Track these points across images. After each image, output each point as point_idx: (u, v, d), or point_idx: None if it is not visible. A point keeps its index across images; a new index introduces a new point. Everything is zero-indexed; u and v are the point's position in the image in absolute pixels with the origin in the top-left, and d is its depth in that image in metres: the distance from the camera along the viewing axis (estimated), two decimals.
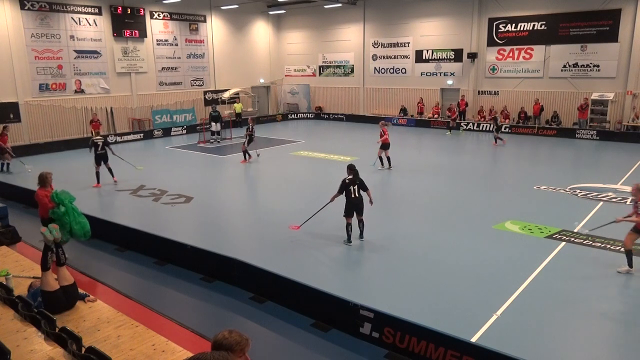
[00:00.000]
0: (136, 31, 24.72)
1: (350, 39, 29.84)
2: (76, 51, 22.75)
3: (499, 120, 21.50)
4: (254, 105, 30.99)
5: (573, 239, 9.46)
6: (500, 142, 20.51)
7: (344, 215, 9.33)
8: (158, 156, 20.26)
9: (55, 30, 21.90)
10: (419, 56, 27.31)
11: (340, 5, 28.23)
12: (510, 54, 24.37)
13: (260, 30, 31.68)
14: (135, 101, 25.30)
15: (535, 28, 23.39)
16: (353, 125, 27.85)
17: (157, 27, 25.90)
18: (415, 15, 26.92)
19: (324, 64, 31.56)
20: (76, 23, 22.63)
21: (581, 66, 22.53)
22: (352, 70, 30.26)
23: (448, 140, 22.47)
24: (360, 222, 9.46)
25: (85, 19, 22.95)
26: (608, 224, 8.54)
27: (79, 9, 22.65)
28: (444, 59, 26.43)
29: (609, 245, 9.13)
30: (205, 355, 2.62)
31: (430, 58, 26.95)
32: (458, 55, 25.83)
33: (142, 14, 24.91)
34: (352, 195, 9.16)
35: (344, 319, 6.33)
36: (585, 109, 22.17)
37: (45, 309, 5.55)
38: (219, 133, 22.55)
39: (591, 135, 21.80)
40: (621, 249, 8.92)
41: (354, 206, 9.24)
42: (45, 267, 5.79)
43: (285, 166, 17.28)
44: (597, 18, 21.72)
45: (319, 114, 31.37)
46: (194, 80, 27.99)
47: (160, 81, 26.36)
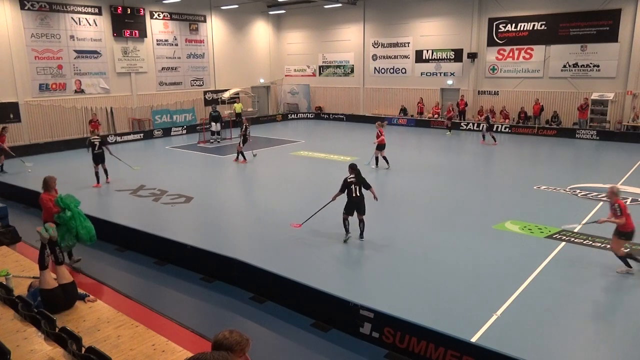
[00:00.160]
0: (136, 31, 24.72)
1: (350, 39, 29.85)
2: (76, 51, 22.76)
3: (491, 119, 21.70)
4: (254, 105, 30.98)
5: (573, 239, 9.46)
6: (490, 141, 20.76)
7: (344, 212, 9.47)
8: (158, 156, 20.26)
9: (55, 30, 21.91)
10: (419, 56, 27.32)
11: (340, 5, 28.23)
12: (510, 54, 24.37)
13: (260, 30, 31.68)
14: (135, 101, 25.30)
15: (535, 28, 23.40)
16: (353, 125, 27.84)
17: (157, 27, 25.91)
18: (415, 15, 26.93)
19: (324, 64, 31.56)
20: (76, 23, 22.63)
21: (581, 66, 22.54)
22: (352, 70, 30.26)
23: (448, 140, 22.48)
24: (361, 222, 9.52)
25: (85, 19, 22.95)
26: (591, 223, 8.58)
27: (79, 9, 22.65)
28: (444, 59, 26.44)
29: (609, 246, 9.10)
30: (205, 355, 2.62)
31: (430, 58, 26.96)
32: (458, 55, 25.84)
33: (142, 14, 24.91)
34: (353, 194, 9.28)
35: (344, 319, 6.33)
36: (585, 109, 22.17)
37: (45, 307, 5.54)
38: (219, 133, 22.56)
39: (591, 135, 21.80)
40: (621, 248, 8.93)
41: (354, 205, 9.35)
42: (42, 266, 5.80)
43: (285, 166, 17.28)
44: (597, 18, 21.72)
45: (319, 114, 31.37)
46: (194, 80, 28.00)
47: (160, 81, 26.37)
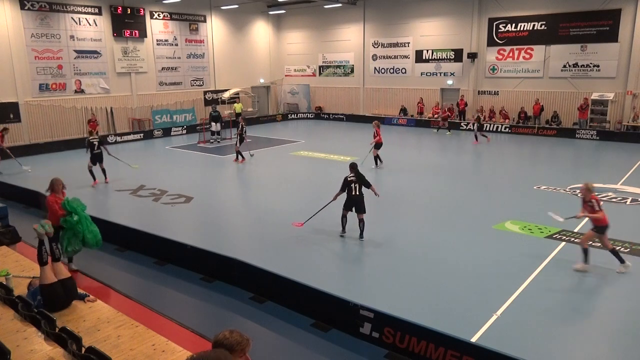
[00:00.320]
0: (136, 31, 24.72)
1: (350, 39, 29.84)
2: (76, 51, 22.75)
3: (482, 119, 22.00)
4: (254, 105, 30.97)
5: (573, 239, 9.45)
6: (483, 140, 21.17)
7: (343, 208, 9.69)
8: (158, 156, 20.26)
9: (55, 30, 21.90)
10: (419, 56, 27.31)
11: (340, 5, 28.23)
12: (510, 54, 24.37)
13: (260, 30, 31.68)
14: (135, 101, 25.30)
15: (535, 28, 23.39)
16: (353, 125, 27.83)
17: (157, 27, 25.90)
18: (415, 15, 26.92)
19: (324, 64, 31.55)
20: (76, 23, 22.63)
21: (581, 66, 22.53)
22: (352, 70, 30.26)
23: (448, 140, 22.48)
24: (361, 222, 9.58)
25: (85, 19, 22.95)
26: (570, 218, 8.73)
27: (79, 9, 22.64)
28: (444, 59, 26.43)
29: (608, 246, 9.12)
30: (207, 353, 2.63)
31: (430, 58, 26.95)
32: (458, 55, 25.83)
33: (142, 14, 24.91)
34: (353, 193, 9.50)
35: (344, 319, 6.33)
36: (585, 109, 22.17)
37: (45, 303, 5.58)
38: (219, 133, 22.57)
39: (591, 135, 21.80)
40: (621, 249, 8.94)
41: (353, 202, 9.55)
42: (42, 262, 5.84)
43: (285, 166, 17.28)
44: (597, 18, 21.72)
45: (319, 114, 31.36)
46: (194, 80, 27.99)
47: (160, 81, 26.36)
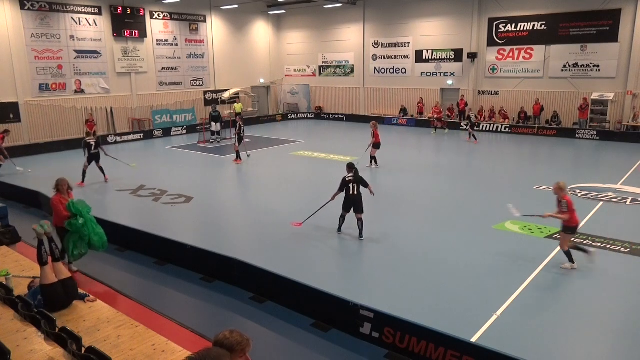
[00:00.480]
0: (136, 31, 24.71)
1: (350, 39, 29.84)
2: (76, 51, 22.75)
3: (473, 118, 22.21)
4: (254, 105, 30.97)
5: (573, 239, 9.44)
6: (473, 139, 21.45)
7: (342, 208, 9.77)
8: (158, 156, 20.25)
9: (55, 30, 21.90)
10: (419, 56, 27.31)
11: (340, 5, 28.23)
12: (510, 54, 24.36)
13: (260, 30, 31.68)
14: (135, 101, 25.29)
15: (535, 28, 23.39)
16: (353, 125, 27.82)
17: (157, 27, 25.90)
18: (415, 15, 26.92)
19: (324, 64, 31.55)
20: (76, 23, 22.62)
21: (581, 66, 22.53)
22: (352, 70, 30.25)
23: (448, 140, 22.46)
24: (359, 221, 9.64)
25: (85, 19, 22.94)
26: (536, 216, 8.77)
27: (79, 9, 22.64)
28: (444, 59, 26.43)
29: (608, 245, 9.14)
30: (208, 351, 2.63)
31: (430, 58, 26.95)
32: (458, 55, 25.83)
33: (142, 14, 24.91)
34: (351, 192, 9.58)
35: (344, 319, 6.33)
36: (585, 109, 22.17)
37: (45, 303, 5.57)
38: (219, 133, 22.56)
39: (591, 135, 21.80)
40: (621, 249, 8.95)
41: (351, 202, 9.62)
42: (42, 262, 5.84)
43: (285, 166, 17.28)
44: (597, 18, 21.72)
45: (319, 114, 31.36)
46: (194, 80, 27.99)
47: (160, 81, 26.36)
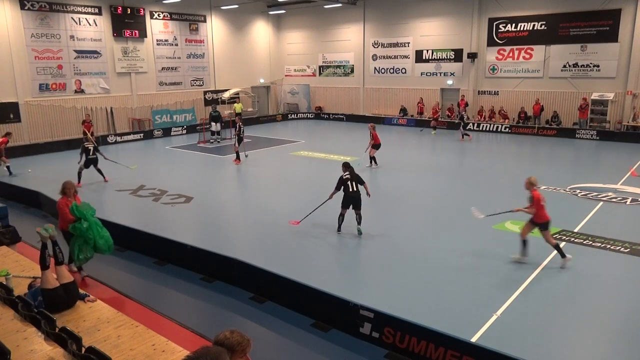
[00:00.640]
0: (136, 31, 24.71)
1: (350, 39, 29.84)
2: (76, 51, 22.75)
3: (465, 117, 22.46)
4: (254, 105, 30.97)
5: (573, 239, 9.47)
6: (466, 138, 21.84)
7: (341, 206, 9.86)
8: (158, 156, 20.25)
9: (55, 30, 21.89)
10: (419, 56, 27.31)
11: (340, 5, 28.22)
12: (510, 54, 24.36)
13: (260, 30, 31.67)
14: (135, 101, 25.29)
15: (535, 28, 23.39)
16: (353, 125, 27.81)
17: (157, 27, 25.90)
18: (415, 15, 26.92)
19: (324, 64, 31.55)
20: (76, 23, 22.62)
21: (581, 66, 22.53)
22: (352, 70, 30.25)
23: (448, 140, 22.45)
24: (358, 215, 9.87)
25: (85, 19, 22.94)
26: (505, 213, 8.85)
27: (79, 9, 22.64)
28: (444, 59, 26.43)
29: (608, 245, 9.14)
30: (209, 349, 2.63)
31: (430, 58, 26.95)
32: (458, 55, 25.83)
33: (142, 14, 24.90)
34: (350, 189, 9.73)
35: (344, 319, 6.33)
36: (585, 109, 22.17)
37: (46, 307, 5.55)
38: (219, 133, 22.56)
39: (591, 135, 21.80)
40: (621, 249, 8.95)
41: (351, 199, 9.77)
42: (44, 266, 5.81)
43: (285, 166, 17.28)
44: (597, 18, 21.72)
45: (319, 114, 31.36)
46: (194, 80, 27.99)
47: (160, 81, 26.35)
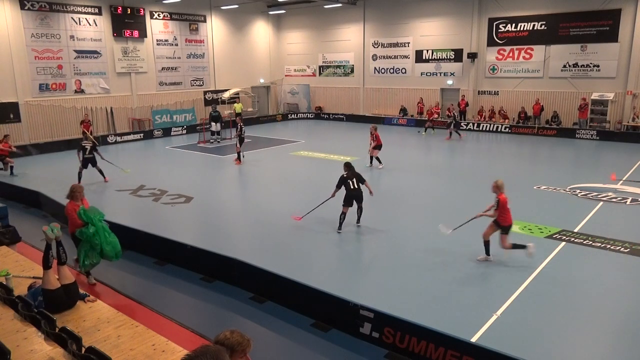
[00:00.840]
0: (136, 31, 24.71)
1: (350, 39, 29.84)
2: (76, 51, 22.75)
3: (457, 117, 22.62)
4: (254, 105, 30.98)
5: (573, 239, 9.46)
6: (456, 137, 22.03)
7: (343, 204, 9.99)
8: (158, 156, 20.25)
9: (55, 30, 21.89)
10: (419, 56, 27.31)
11: (340, 5, 28.22)
12: (510, 54, 24.36)
13: (260, 30, 31.67)
14: (135, 101, 25.29)
15: (535, 28, 23.39)
16: (353, 125, 27.82)
17: (157, 27, 25.90)
18: (415, 15, 26.92)
19: (324, 64, 31.54)
20: (76, 23, 22.62)
21: (581, 66, 22.53)
22: (352, 70, 30.25)
23: (448, 140, 22.43)
24: (359, 209, 10.11)
25: (85, 19, 22.94)
26: (469, 221, 8.75)
27: (79, 9, 22.64)
28: (444, 59, 26.43)
29: (609, 245, 9.13)
30: (208, 347, 2.63)
31: (430, 58, 26.95)
32: (458, 55, 25.83)
33: (142, 14, 24.90)
34: (351, 187, 9.94)
35: (344, 319, 6.33)
36: (585, 109, 22.17)
37: (46, 307, 5.54)
38: (219, 133, 22.56)
39: (591, 135, 21.79)
40: (621, 249, 8.95)
41: (353, 197, 10.00)
42: (46, 266, 5.81)
43: (285, 166, 17.28)
44: (597, 18, 21.72)
45: (319, 114, 31.36)
46: (194, 80, 27.99)
47: (160, 81, 26.35)
